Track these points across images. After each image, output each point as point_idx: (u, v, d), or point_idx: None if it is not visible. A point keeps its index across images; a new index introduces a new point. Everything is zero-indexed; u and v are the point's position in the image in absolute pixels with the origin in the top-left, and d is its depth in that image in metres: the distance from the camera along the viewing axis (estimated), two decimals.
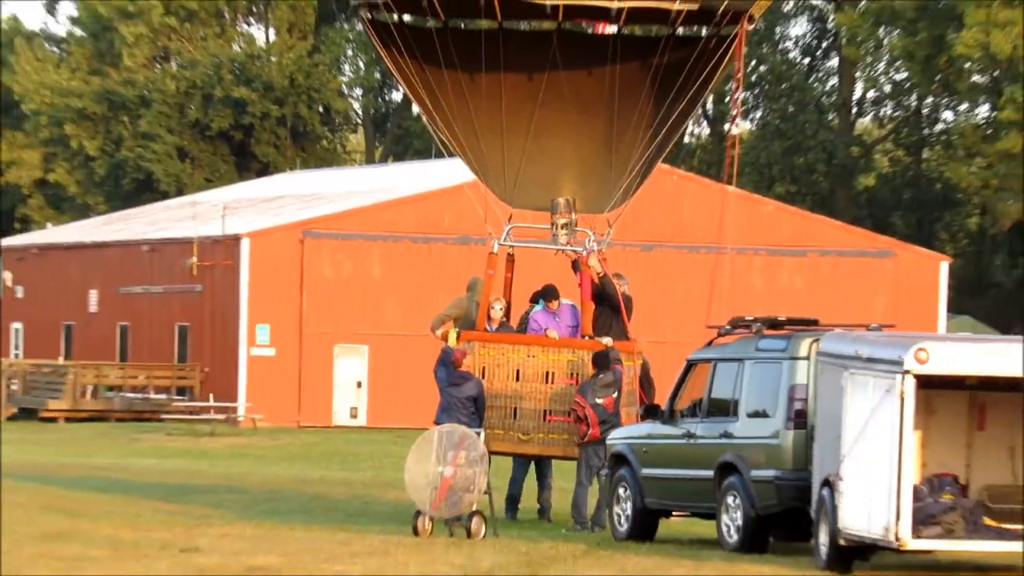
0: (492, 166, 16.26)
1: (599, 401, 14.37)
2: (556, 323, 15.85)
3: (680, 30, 15.57)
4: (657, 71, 15.80)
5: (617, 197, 15.89)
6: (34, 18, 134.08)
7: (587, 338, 15.44)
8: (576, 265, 15.58)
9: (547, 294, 15.92)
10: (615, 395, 14.74)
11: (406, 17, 15.42)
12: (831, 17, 73.54)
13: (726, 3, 15.04)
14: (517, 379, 15.07)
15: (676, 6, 14.77)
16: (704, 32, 15.85)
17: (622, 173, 15.98)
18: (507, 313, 15.98)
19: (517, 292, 15.93)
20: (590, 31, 15.87)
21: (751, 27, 16.30)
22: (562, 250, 15.65)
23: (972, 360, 10.54)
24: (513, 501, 16.42)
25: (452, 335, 15.06)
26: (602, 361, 14.40)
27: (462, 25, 15.74)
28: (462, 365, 14.20)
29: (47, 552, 10.49)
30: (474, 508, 13.33)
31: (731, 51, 15.77)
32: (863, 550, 10.69)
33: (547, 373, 15.31)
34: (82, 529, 12.85)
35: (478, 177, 16.50)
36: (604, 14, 14.94)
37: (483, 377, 14.73)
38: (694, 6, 14.92)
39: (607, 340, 14.99)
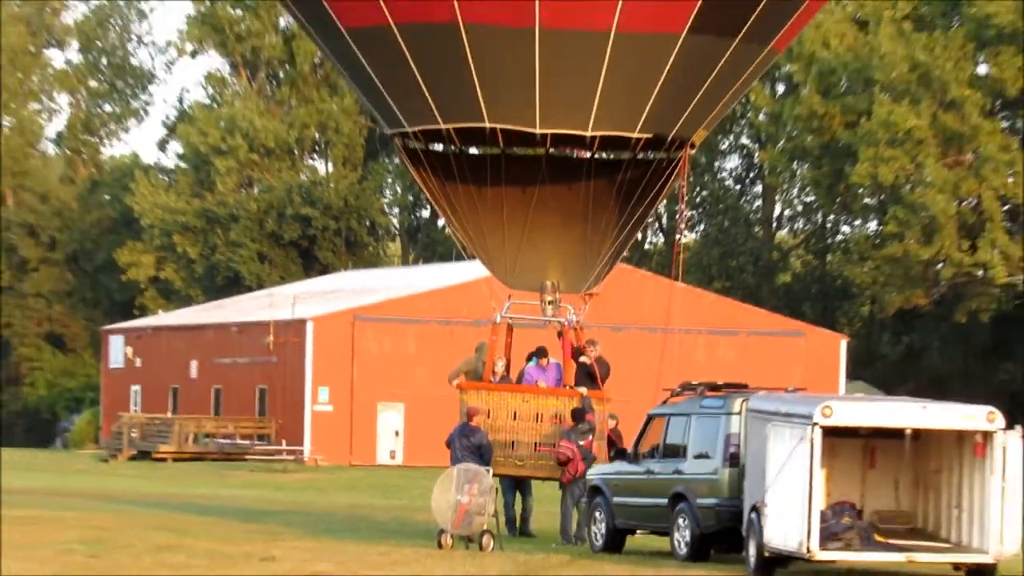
0: (496, 258, 15.93)
1: (581, 443, 14.04)
2: (545, 376, 15.45)
3: (639, 154, 15.28)
4: (621, 186, 15.52)
5: (591, 281, 15.63)
6: (150, 154, 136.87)
7: (568, 387, 15.23)
8: (560, 333, 15.40)
9: (538, 353, 15.67)
10: (591, 438, 14.43)
11: (433, 146, 15.30)
12: (756, 154, 73.78)
13: (673, 133, 15.00)
14: (514, 418, 14.69)
15: (635, 135, 14.71)
16: (657, 156, 15.55)
17: (594, 263, 15.73)
18: (507, 368, 15.61)
19: (516, 352, 15.47)
20: (574, 155, 15.48)
21: (693, 151, 16.24)
22: (549, 321, 15.52)
23: (865, 415, 10.68)
24: (511, 522, 16.08)
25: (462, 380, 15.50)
26: (578, 415, 14.10)
27: (473, 151, 15.58)
28: (475, 417, 13.97)
29: (159, 561, 10.39)
30: (484, 528, 13.06)
31: (678, 170, 15.68)
32: (782, 560, 10.39)
33: (537, 414, 14.86)
34: (185, 544, 12.64)
35: (485, 266, 16.22)
36: (580, 141, 14.77)
37: (489, 417, 14.56)
38: (649, 135, 14.87)
39: (582, 389, 14.71)
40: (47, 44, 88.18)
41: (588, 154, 14.93)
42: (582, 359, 15.06)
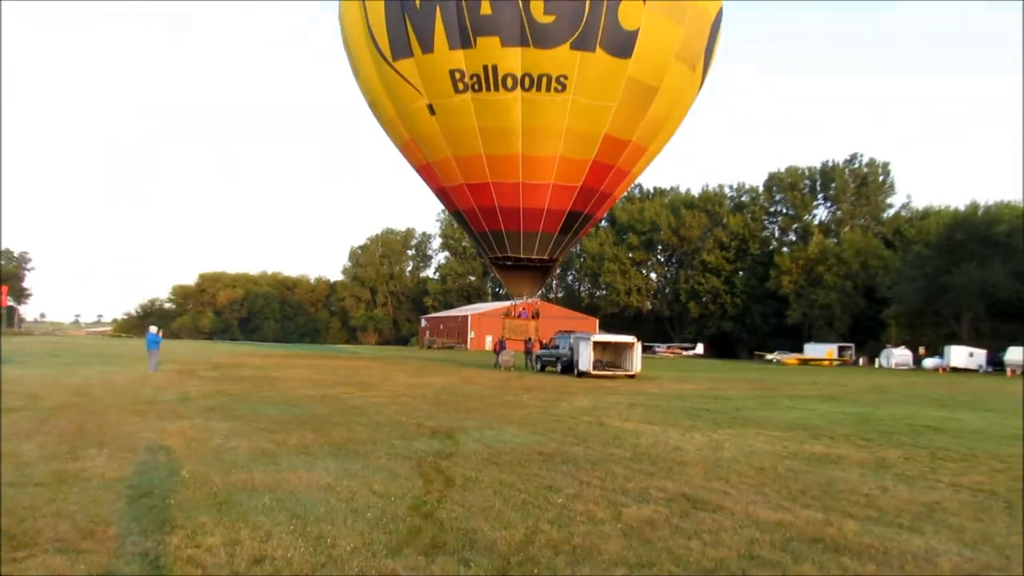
0: (511, 287, 34.22)
1: (534, 340, 38.88)
2: (524, 314, 35.94)
3: (545, 264, 32.10)
4: (543, 271, 32.98)
5: (536, 295, 35.58)
6: None
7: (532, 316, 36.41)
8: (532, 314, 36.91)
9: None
10: (536, 341, 38.88)
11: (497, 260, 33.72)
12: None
13: (555, 256, 31.88)
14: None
15: (545, 256, 30.84)
16: (550, 263, 32.43)
17: (536, 291, 35.08)
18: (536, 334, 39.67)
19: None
20: (532, 262, 34.22)
21: (560, 262, 34.56)
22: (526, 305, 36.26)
23: (600, 338, 35.41)
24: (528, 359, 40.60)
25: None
26: (528, 340, 39.06)
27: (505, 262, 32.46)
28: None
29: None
30: (511, 363, 37.51)
31: (556, 266, 33.96)
32: (581, 373, 35.29)
33: (527, 334, 37.40)
34: None
35: (507, 288, 35.65)
36: (531, 258, 31.35)
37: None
38: (545, 257, 31.07)
39: (533, 324, 39.16)
40: None
41: (533, 262, 31.97)
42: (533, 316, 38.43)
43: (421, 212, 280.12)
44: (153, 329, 30.59)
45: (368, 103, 30.29)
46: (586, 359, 33.14)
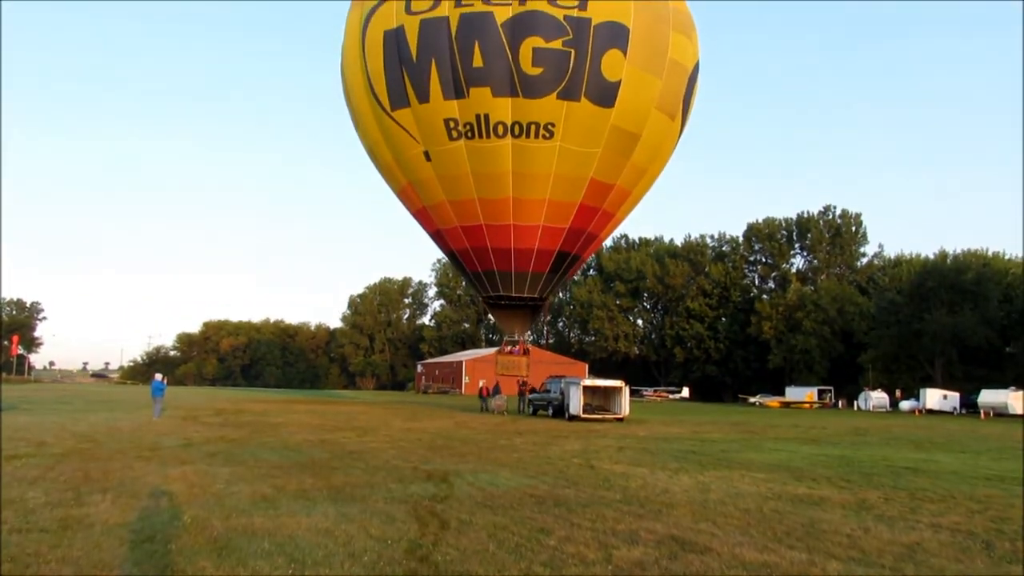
0: (503, 326, 33.84)
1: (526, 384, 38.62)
2: (516, 350, 34.61)
3: (536, 302, 31.07)
4: (533, 309, 32.03)
5: (530, 340, 35.83)
6: None
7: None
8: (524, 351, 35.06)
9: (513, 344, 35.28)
10: (529, 385, 38.57)
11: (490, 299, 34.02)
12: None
13: (545, 295, 30.78)
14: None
15: (536, 295, 30.06)
16: (540, 302, 31.25)
17: (527, 329, 34.43)
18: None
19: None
20: (523, 301, 34.03)
21: (549, 300, 34.32)
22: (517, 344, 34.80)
23: (590, 382, 35.20)
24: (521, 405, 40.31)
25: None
26: (523, 383, 38.73)
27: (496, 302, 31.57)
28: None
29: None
30: (504, 407, 37.06)
31: (546, 305, 33.51)
32: (572, 416, 34.89)
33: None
34: None
35: (500, 327, 36.08)
36: (522, 296, 29.99)
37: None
38: (536, 295, 30.28)
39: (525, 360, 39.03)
40: None
41: (524, 301, 31.09)
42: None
43: (417, 262, 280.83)
44: (158, 376, 30.32)
45: (367, 151, 30.73)
46: (576, 403, 32.98)
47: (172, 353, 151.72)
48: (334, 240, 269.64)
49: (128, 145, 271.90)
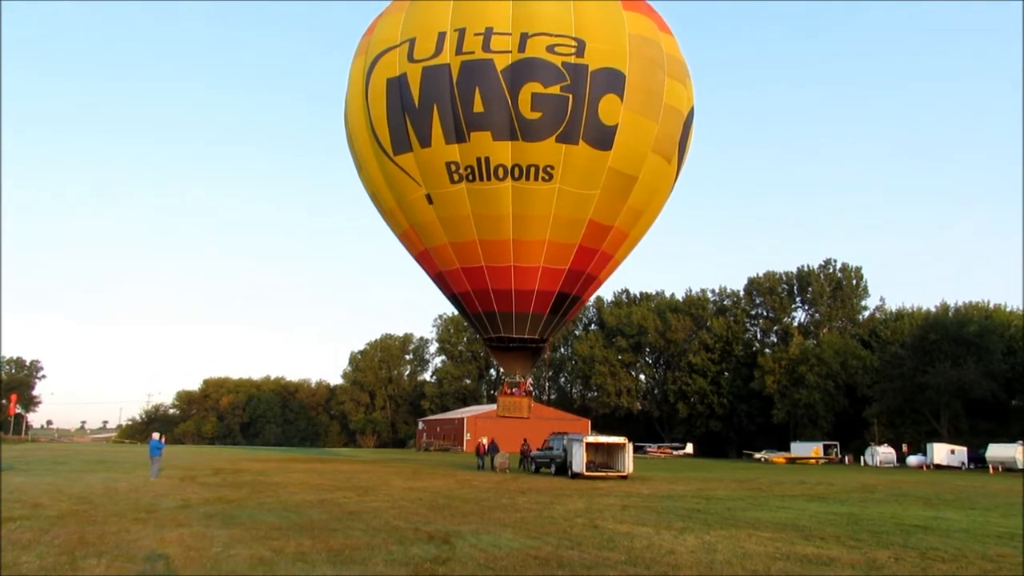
0: (504, 367, 33.33)
1: (529, 447, 37.94)
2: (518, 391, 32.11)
3: (536, 344, 30.73)
4: (533, 351, 31.44)
5: (530, 374, 33.91)
6: None
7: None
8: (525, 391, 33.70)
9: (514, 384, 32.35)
10: (528, 447, 38.19)
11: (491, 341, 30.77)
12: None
13: (545, 336, 30.44)
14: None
15: (536, 336, 29.82)
16: (541, 343, 30.94)
17: (530, 371, 33.49)
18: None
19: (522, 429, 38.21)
20: (524, 343, 32.52)
21: (549, 341, 32.63)
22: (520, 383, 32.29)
23: (592, 440, 34.84)
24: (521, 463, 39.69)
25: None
26: (525, 443, 38.14)
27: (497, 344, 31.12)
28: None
29: None
30: (507, 465, 36.36)
31: (546, 346, 31.66)
32: (575, 473, 34.52)
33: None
34: None
35: (501, 367, 35.08)
36: (523, 337, 29.80)
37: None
38: (537, 336, 29.98)
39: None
40: None
41: (525, 342, 30.68)
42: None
43: (418, 318, 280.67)
44: (156, 436, 30.04)
45: (370, 196, 31.19)
46: (579, 460, 32.54)
47: (171, 411, 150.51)
48: (337, 295, 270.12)
49: (129, 195, 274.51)
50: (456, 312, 37.09)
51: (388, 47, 27.66)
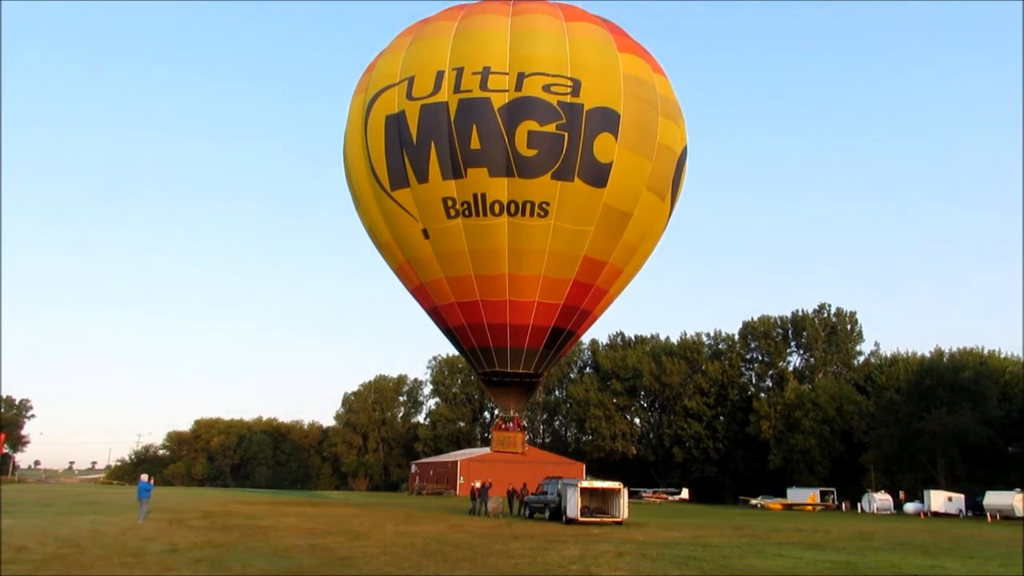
0: (498, 402, 33.22)
1: (525, 490, 37.61)
2: (511, 426, 32.44)
3: (531, 379, 30.98)
4: (528, 385, 31.59)
5: (523, 407, 33.83)
6: None
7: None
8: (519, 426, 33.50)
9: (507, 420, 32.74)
10: (526, 491, 37.91)
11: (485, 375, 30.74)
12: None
13: (540, 371, 30.55)
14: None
15: (531, 371, 29.98)
16: (535, 378, 31.05)
17: (524, 406, 33.77)
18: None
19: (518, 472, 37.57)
20: (519, 377, 30.53)
21: (544, 376, 32.34)
22: (511, 419, 32.36)
23: (587, 484, 34.40)
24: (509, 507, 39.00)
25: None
26: (523, 487, 37.74)
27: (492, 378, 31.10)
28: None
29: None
30: (500, 510, 35.69)
31: (540, 381, 31.86)
32: (569, 519, 33.86)
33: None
34: None
35: (495, 402, 34.16)
36: (517, 372, 29.76)
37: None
38: (531, 371, 30.09)
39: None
40: None
41: (520, 377, 30.73)
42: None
43: (413, 359, 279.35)
44: (144, 477, 29.65)
45: (367, 230, 31.36)
46: (574, 505, 32.13)
47: (161, 452, 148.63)
48: (332, 334, 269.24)
49: (115, 243, 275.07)
50: (451, 354, 37.29)
51: (387, 85, 28.18)
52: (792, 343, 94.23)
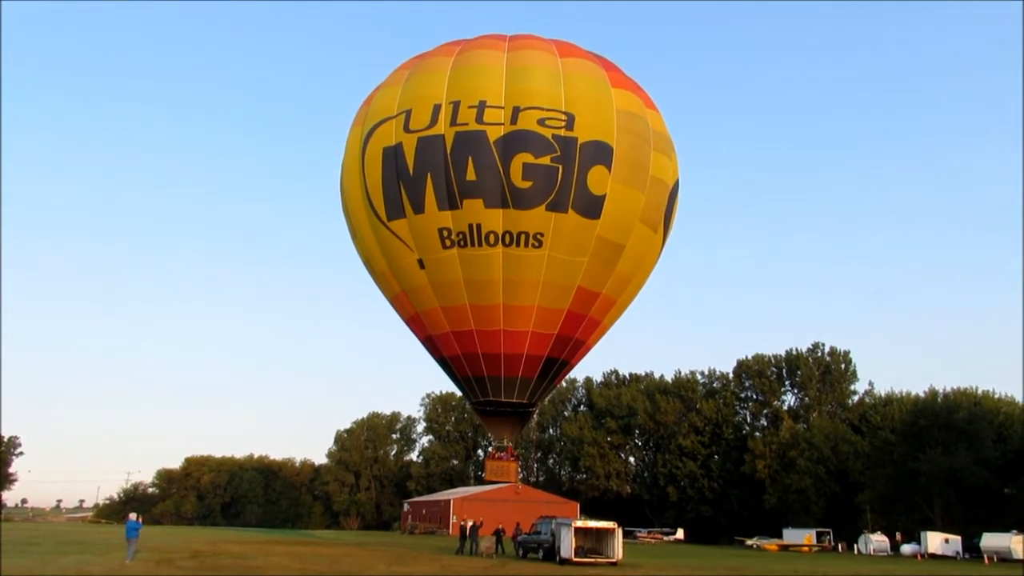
0: (492, 431, 32.30)
1: (518, 530, 36.75)
2: (505, 455, 31.53)
3: (524, 409, 30.63)
4: (521, 416, 31.20)
5: (517, 437, 32.95)
6: None
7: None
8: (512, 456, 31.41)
9: (502, 448, 31.53)
10: (520, 531, 37.20)
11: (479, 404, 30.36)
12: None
13: (532, 401, 30.27)
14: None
15: (525, 400, 29.69)
16: (528, 408, 30.76)
17: (518, 434, 32.80)
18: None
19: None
20: (513, 407, 29.72)
21: (537, 407, 32.50)
22: (504, 449, 31.44)
23: (581, 524, 33.74)
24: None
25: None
26: (517, 527, 37.04)
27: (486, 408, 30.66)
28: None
29: None
30: (492, 550, 34.43)
31: (534, 411, 31.94)
32: (564, 559, 32.84)
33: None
34: None
35: (489, 431, 32.57)
36: (511, 401, 29.57)
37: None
38: (525, 401, 29.80)
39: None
40: None
41: (513, 406, 30.35)
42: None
43: (406, 397, 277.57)
44: (133, 516, 29.18)
45: (363, 260, 31.56)
46: (568, 545, 31.84)
47: (151, 490, 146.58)
48: (324, 372, 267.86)
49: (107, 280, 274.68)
50: (444, 391, 36.83)
51: (385, 117, 28.67)
52: (786, 382, 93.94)
